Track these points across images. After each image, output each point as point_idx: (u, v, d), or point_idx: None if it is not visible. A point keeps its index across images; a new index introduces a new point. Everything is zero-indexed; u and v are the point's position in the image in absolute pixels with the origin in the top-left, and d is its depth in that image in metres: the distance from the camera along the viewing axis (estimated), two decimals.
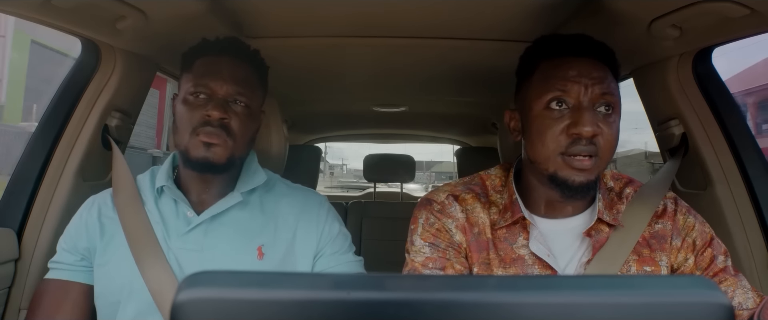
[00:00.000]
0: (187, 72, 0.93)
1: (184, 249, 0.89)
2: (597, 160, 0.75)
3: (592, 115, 0.74)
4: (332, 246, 0.97)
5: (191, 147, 0.87)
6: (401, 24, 1.15)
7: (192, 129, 0.87)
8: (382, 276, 0.26)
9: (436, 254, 0.83)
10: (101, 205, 0.96)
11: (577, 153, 0.74)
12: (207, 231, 0.91)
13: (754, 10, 0.81)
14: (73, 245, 0.93)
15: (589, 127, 0.73)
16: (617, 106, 0.77)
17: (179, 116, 0.90)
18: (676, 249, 0.82)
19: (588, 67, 0.77)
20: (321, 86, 1.82)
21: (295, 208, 0.98)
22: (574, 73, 0.76)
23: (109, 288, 0.89)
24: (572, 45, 0.80)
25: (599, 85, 0.75)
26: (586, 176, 0.75)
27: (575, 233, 0.83)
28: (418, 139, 3.38)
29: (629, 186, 0.88)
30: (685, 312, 0.24)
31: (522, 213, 0.82)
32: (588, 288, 0.25)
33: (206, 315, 0.23)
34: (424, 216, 0.87)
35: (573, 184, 0.75)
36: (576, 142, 0.74)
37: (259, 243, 0.92)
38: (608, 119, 0.76)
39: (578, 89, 0.75)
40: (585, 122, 0.73)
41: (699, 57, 1.12)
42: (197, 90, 0.89)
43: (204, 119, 0.87)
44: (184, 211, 0.92)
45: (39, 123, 1.13)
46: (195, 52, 0.95)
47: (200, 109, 0.88)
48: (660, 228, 0.83)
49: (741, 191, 1.10)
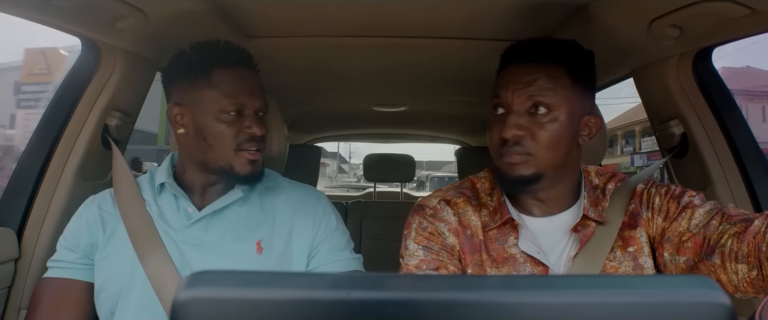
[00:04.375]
0: (207, 85, 0.89)
1: (185, 242, 0.90)
2: (530, 157, 0.79)
3: (515, 118, 0.79)
4: (330, 241, 0.98)
5: (237, 164, 0.90)
6: (401, 24, 1.16)
7: (236, 146, 0.89)
8: (382, 276, 0.26)
9: (430, 256, 0.85)
10: (101, 202, 0.97)
11: (504, 153, 0.81)
12: (207, 226, 0.92)
13: (754, 10, 0.82)
14: (74, 242, 0.93)
15: (508, 131, 0.78)
16: (554, 106, 0.79)
17: (215, 134, 0.89)
18: (647, 220, 0.85)
19: (521, 72, 0.81)
20: (321, 86, 1.82)
21: (292, 203, 0.99)
22: (507, 80, 0.82)
23: (110, 280, 0.89)
24: (514, 52, 0.84)
25: (527, 89, 0.79)
26: (518, 171, 0.80)
27: (563, 230, 0.86)
28: (418, 138, 3.38)
29: (612, 181, 0.91)
30: (685, 312, 0.24)
31: (510, 214, 0.85)
32: (588, 287, 0.25)
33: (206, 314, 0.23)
34: (417, 221, 0.89)
35: (509, 178, 0.82)
36: (504, 144, 0.80)
37: (258, 237, 0.93)
38: (542, 120, 0.79)
39: (507, 95, 0.80)
40: (507, 126, 0.79)
41: (699, 57, 1.12)
42: (229, 108, 0.88)
43: (248, 136, 0.89)
44: (185, 207, 0.94)
45: (39, 123, 1.13)
46: (208, 62, 0.90)
47: (237, 124, 0.89)
48: (633, 207, 0.87)
49: (741, 191, 1.10)
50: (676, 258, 0.79)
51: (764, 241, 0.67)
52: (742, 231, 0.71)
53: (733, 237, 0.72)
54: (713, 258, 0.73)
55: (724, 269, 0.71)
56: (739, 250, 0.70)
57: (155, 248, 0.88)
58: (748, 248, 0.69)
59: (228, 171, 0.91)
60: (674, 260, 0.79)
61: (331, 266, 0.96)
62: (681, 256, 0.78)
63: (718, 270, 0.72)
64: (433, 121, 2.66)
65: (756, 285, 0.69)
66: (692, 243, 0.77)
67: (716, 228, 0.75)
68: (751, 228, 0.70)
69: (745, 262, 0.69)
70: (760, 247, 0.68)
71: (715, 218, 0.77)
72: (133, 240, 0.89)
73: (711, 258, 0.73)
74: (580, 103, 0.81)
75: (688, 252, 0.77)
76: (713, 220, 0.76)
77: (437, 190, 0.96)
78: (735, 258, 0.70)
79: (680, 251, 0.78)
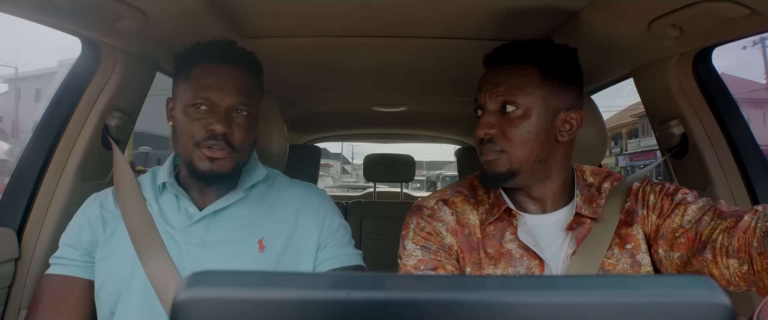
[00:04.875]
0: (184, 79, 0.91)
1: (186, 242, 0.90)
2: (504, 154, 0.83)
3: (487, 118, 0.84)
4: (334, 238, 0.99)
5: (195, 159, 0.88)
6: (401, 24, 1.15)
7: (195, 142, 0.87)
8: (382, 276, 0.26)
9: (428, 256, 0.86)
10: (103, 201, 0.97)
11: (481, 151, 0.86)
12: (209, 226, 0.92)
13: (754, 10, 0.82)
14: (76, 240, 0.93)
15: (480, 130, 0.84)
16: (523, 104, 0.82)
17: (180, 127, 0.89)
18: (643, 217, 0.86)
19: (493, 73, 0.86)
20: (321, 86, 1.82)
21: (295, 201, 0.99)
22: (481, 83, 0.88)
23: (110, 280, 0.89)
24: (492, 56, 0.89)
25: (496, 89, 0.84)
26: (493, 167, 0.85)
27: (559, 227, 0.87)
28: (418, 138, 3.38)
29: (607, 181, 0.92)
30: (685, 312, 0.24)
31: (507, 205, 0.86)
32: (588, 287, 0.25)
33: (206, 314, 0.23)
34: (414, 222, 0.90)
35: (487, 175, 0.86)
36: (481, 142, 0.85)
37: (260, 236, 0.93)
38: (512, 119, 0.83)
39: (481, 96, 0.86)
40: (479, 125, 0.85)
41: (699, 57, 1.12)
42: (197, 101, 0.87)
43: (207, 133, 0.87)
44: (186, 206, 0.93)
45: (39, 123, 1.13)
46: (191, 57, 0.92)
47: (201, 121, 0.87)
48: (629, 205, 0.88)
49: (741, 191, 1.10)
50: (671, 254, 0.79)
51: (754, 236, 0.68)
52: (732, 226, 0.72)
53: (723, 232, 0.72)
54: (705, 254, 0.73)
55: (716, 264, 0.72)
56: (730, 245, 0.71)
57: (155, 248, 0.88)
58: (738, 243, 0.70)
59: (189, 167, 0.89)
60: (669, 256, 0.80)
61: (336, 261, 0.97)
62: (675, 252, 0.79)
63: (710, 264, 0.73)
64: (433, 121, 2.66)
65: (747, 279, 0.69)
66: (685, 239, 0.78)
67: (708, 224, 0.76)
68: (741, 223, 0.71)
69: (735, 257, 0.70)
70: (750, 242, 0.68)
71: (708, 214, 0.77)
72: (134, 240, 0.89)
73: (703, 253, 0.74)
74: (554, 99, 0.83)
75: (681, 248, 0.78)
76: (705, 216, 0.77)
77: (435, 191, 0.97)
78: (726, 254, 0.71)
79: (674, 247, 0.79)
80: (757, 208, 0.72)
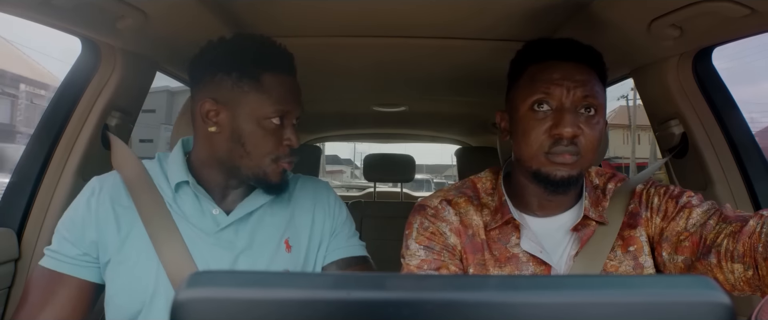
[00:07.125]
0: (255, 87, 0.84)
1: (217, 246, 0.86)
2: (579, 158, 0.78)
3: (573, 116, 0.77)
4: (343, 229, 1.00)
5: (271, 173, 0.86)
6: (402, 24, 1.16)
7: (275, 157, 0.86)
8: (382, 275, 0.26)
9: (431, 256, 0.85)
10: (113, 194, 0.87)
11: (558, 152, 0.78)
12: (237, 230, 0.88)
13: (754, 10, 0.81)
14: (78, 236, 0.84)
15: (570, 128, 0.76)
16: (600, 108, 0.80)
17: (257, 141, 0.85)
18: (646, 220, 0.85)
19: (572, 70, 0.79)
20: (321, 86, 1.82)
21: (309, 197, 0.99)
22: (557, 76, 0.79)
23: (128, 288, 0.83)
24: (559, 49, 0.82)
25: (581, 88, 0.78)
26: (567, 171, 0.78)
27: (564, 229, 0.86)
28: (418, 138, 3.38)
29: (612, 182, 0.91)
30: (685, 312, 0.24)
31: (511, 214, 0.85)
32: (588, 287, 0.25)
33: (206, 314, 0.23)
34: (418, 221, 0.89)
35: (555, 179, 0.78)
36: (557, 143, 0.77)
37: (285, 236, 0.92)
38: (591, 121, 0.79)
39: (560, 92, 0.78)
40: (565, 123, 0.76)
41: (699, 57, 1.12)
42: (274, 114, 0.85)
43: (289, 148, 0.87)
44: (209, 209, 0.88)
45: (39, 123, 1.13)
46: (260, 63, 0.86)
47: (278, 134, 0.86)
48: (633, 207, 0.87)
49: (741, 191, 1.10)
50: (675, 258, 0.79)
51: (760, 241, 0.67)
52: (737, 230, 0.71)
53: (729, 236, 0.72)
54: (710, 258, 0.73)
55: (721, 268, 0.71)
56: (735, 250, 0.70)
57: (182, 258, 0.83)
58: (743, 248, 0.69)
59: (259, 179, 0.87)
60: (672, 259, 0.79)
61: (344, 251, 0.97)
62: (679, 255, 0.78)
63: (715, 269, 0.72)
64: (434, 121, 2.66)
65: (752, 284, 0.69)
66: (689, 243, 0.77)
67: (713, 228, 0.75)
68: (746, 228, 0.70)
69: (740, 262, 0.69)
70: (755, 247, 0.68)
71: (713, 218, 0.77)
72: (158, 247, 0.83)
73: (707, 257, 0.73)
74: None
75: (685, 252, 0.77)
76: (710, 220, 0.77)
77: (438, 190, 0.96)
78: (731, 258, 0.70)
79: (678, 250, 0.78)
80: (762, 213, 0.72)
